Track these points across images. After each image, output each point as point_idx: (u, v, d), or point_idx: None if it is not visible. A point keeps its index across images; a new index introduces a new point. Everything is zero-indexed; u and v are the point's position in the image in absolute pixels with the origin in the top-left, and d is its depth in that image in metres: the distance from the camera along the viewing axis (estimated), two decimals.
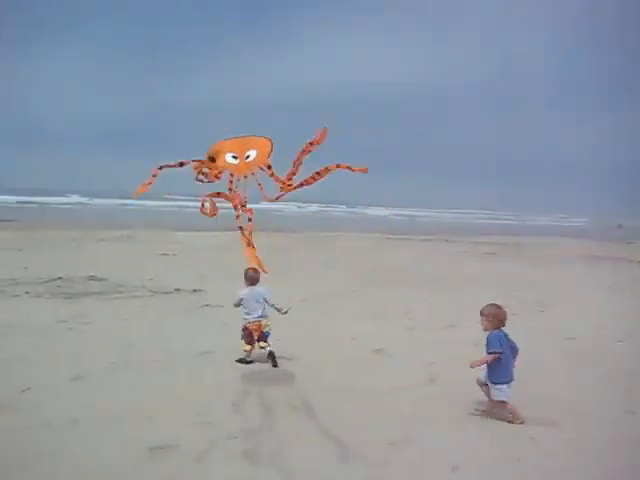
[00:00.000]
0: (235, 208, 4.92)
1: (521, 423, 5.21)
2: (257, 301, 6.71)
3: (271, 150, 4.93)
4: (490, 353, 5.31)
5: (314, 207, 73.61)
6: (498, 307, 5.50)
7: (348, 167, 4.70)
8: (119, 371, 6.40)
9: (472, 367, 5.36)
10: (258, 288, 6.75)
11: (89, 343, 7.51)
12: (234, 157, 4.81)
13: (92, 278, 12.43)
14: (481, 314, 5.48)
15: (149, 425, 4.97)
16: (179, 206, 56.45)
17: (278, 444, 4.69)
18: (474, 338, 6.59)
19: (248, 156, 4.82)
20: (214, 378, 6.29)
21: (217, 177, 4.82)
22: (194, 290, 11.73)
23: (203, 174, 4.83)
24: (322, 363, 7.03)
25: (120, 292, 10.89)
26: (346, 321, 9.41)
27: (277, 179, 4.81)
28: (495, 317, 5.40)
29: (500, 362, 5.29)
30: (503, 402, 5.31)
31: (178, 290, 11.74)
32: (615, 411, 5.65)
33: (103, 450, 4.47)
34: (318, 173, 4.75)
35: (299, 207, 69.35)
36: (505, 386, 5.30)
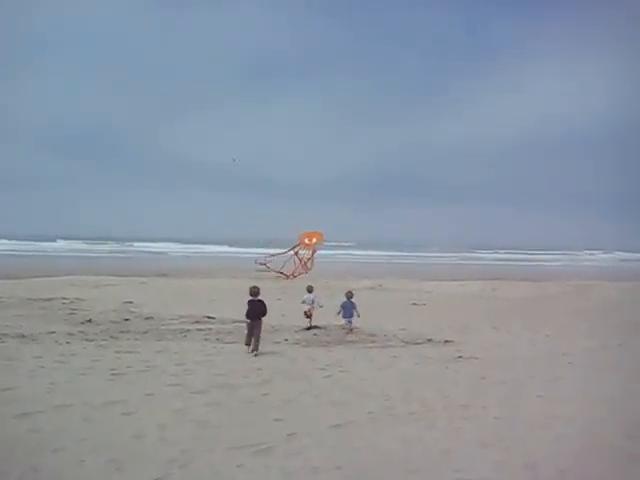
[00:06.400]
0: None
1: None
2: (310, 301, 12.90)
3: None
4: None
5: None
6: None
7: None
8: (378, 421, 6.40)
9: None
10: (311, 295, 13.00)
11: (347, 391, 7.67)
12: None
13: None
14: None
15: (411, 478, 4.81)
16: (424, 256, 58.00)
17: None
18: None
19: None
20: (473, 434, 5.96)
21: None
22: (446, 341, 11.49)
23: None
24: (592, 426, 6.27)
25: (373, 341, 11.10)
26: (613, 378, 8.47)
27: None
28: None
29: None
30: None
31: (430, 341, 11.61)
32: None
33: None
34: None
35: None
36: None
